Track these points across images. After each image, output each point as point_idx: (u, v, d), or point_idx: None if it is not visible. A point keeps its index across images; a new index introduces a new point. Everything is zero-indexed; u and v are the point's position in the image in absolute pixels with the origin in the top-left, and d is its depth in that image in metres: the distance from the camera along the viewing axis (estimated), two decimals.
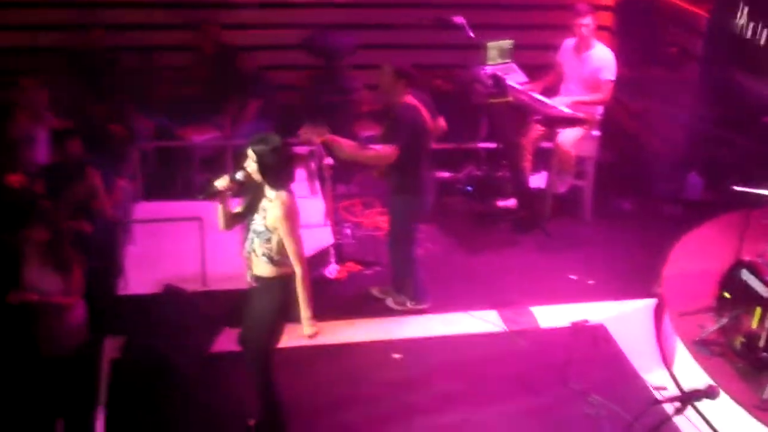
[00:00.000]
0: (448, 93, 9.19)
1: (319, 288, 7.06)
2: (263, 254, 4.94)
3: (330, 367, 6.05)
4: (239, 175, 4.94)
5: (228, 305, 6.38)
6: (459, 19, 8.34)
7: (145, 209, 7.83)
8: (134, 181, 7.78)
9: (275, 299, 5.03)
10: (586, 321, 6.66)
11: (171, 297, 6.10)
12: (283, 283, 5.00)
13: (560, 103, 7.84)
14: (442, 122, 6.63)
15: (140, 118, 8.80)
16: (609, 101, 8.04)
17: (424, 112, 6.31)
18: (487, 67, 8.24)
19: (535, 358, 6.28)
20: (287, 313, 5.12)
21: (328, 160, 7.41)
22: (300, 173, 8.56)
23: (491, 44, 8.39)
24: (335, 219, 7.88)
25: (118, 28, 9.34)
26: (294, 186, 8.20)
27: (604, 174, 8.39)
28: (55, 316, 5.80)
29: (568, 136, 7.96)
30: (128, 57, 9.15)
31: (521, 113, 8.09)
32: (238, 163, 5.01)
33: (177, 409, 5.65)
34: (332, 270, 7.31)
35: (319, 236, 7.34)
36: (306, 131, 6.13)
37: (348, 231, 7.93)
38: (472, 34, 8.38)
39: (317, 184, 8.18)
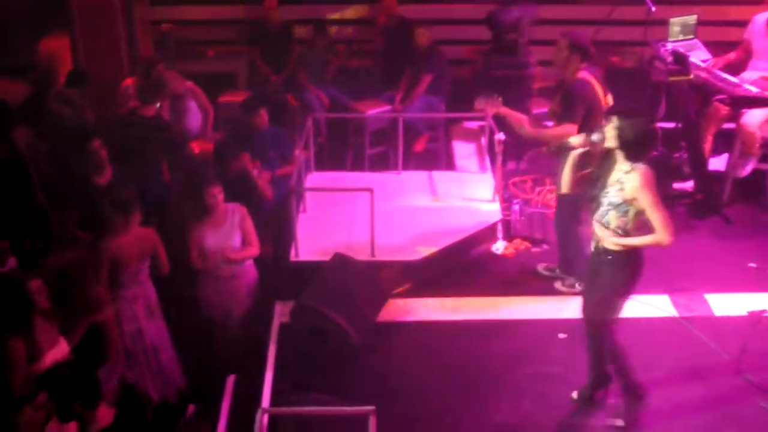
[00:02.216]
0: (626, 70, 8.94)
1: (486, 263, 7.10)
2: (618, 227, 4.91)
3: (494, 343, 6.03)
4: (595, 137, 4.98)
5: (397, 276, 6.49)
6: None
7: (317, 179, 8.03)
8: (307, 152, 7.97)
9: (623, 272, 5.00)
10: (765, 311, 6.35)
11: (341, 265, 6.22)
12: (632, 256, 4.96)
13: (747, 81, 7.47)
14: (609, 99, 6.44)
15: (313, 89, 9.01)
16: None
17: (598, 88, 6.16)
18: (668, 44, 7.95)
19: (707, 346, 6.04)
20: (631, 287, 5.09)
21: (500, 136, 7.35)
22: (470, 148, 8.57)
23: (674, 20, 8.11)
24: (504, 195, 7.82)
25: (293, 2, 9.61)
26: (465, 161, 8.22)
27: None
28: (228, 280, 6.03)
29: (753, 116, 7.58)
30: (303, 30, 9.38)
31: (703, 92, 7.76)
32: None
33: (344, 376, 5.78)
34: (499, 246, 7.28)
35: (487, 212, 7.34)
36: (480, 102, 6.14)
37: (517, 208, 7.85)
38: (653, 9, 8.13)
39: (487, 160, 8.15)
